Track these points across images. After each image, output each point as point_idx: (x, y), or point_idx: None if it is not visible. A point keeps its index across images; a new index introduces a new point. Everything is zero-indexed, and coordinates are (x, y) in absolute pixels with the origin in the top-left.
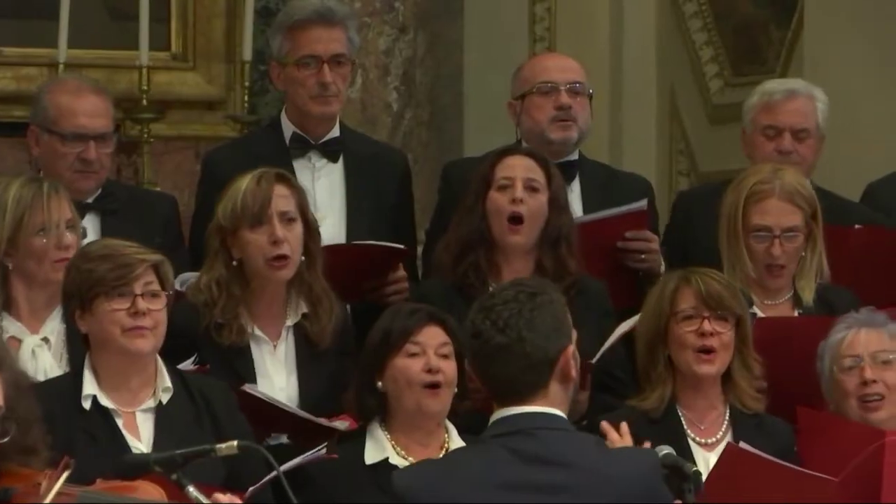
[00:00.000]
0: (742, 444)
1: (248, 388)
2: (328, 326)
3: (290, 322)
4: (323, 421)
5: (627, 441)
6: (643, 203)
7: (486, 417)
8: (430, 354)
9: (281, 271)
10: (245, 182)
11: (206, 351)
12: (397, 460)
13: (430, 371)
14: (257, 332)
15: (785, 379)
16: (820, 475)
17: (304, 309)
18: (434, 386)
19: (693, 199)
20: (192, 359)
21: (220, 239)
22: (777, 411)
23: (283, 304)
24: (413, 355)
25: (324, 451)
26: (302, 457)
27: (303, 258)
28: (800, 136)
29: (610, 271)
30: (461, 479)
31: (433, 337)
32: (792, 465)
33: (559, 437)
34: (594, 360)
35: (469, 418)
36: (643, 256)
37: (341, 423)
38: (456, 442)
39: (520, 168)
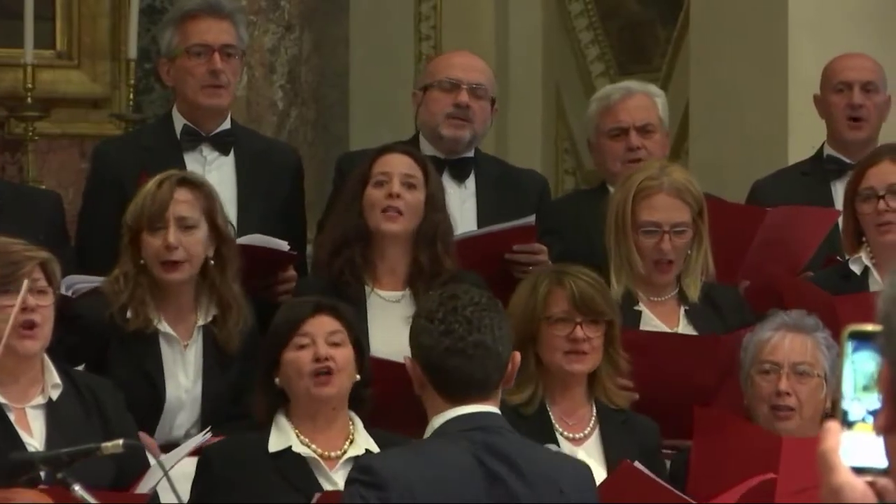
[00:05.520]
0: (636, 465)
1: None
2: (235, 334)
3: (200, 322)
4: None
5: None
6: (531, 219)
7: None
8: (318, 344)
9: (171, 275)
10: (150, 184)
11: (114, 345)
12: (300, 448)
13: (318, 360)
14: (167, 328)
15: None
16: None
17: (214, 311)
18: (324, 373)
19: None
20: (81, 367)
21: (130, 237)
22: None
23: (193, 306)
24: (302, 347)
25: (209, 435)
26: (184, 445)
27: (212, 262)
28: (646, 129)
29: (496, 281)
30: (446, 468)
31: (321, 326)
32: (680, 494)
33: (514, 437)
34: None
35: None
36: (530, 268)
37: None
38: (361, 432)
39: (397, 164)
